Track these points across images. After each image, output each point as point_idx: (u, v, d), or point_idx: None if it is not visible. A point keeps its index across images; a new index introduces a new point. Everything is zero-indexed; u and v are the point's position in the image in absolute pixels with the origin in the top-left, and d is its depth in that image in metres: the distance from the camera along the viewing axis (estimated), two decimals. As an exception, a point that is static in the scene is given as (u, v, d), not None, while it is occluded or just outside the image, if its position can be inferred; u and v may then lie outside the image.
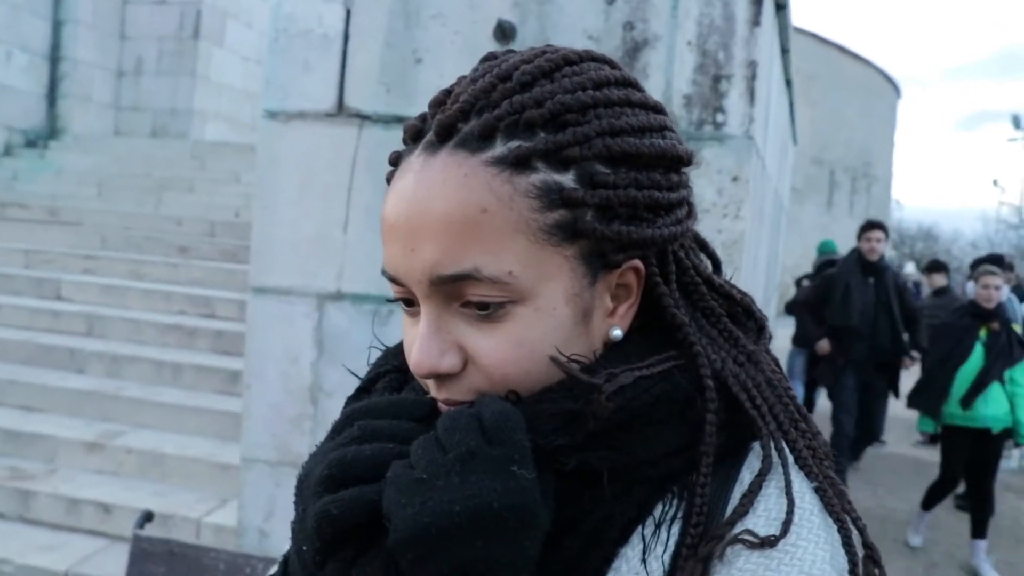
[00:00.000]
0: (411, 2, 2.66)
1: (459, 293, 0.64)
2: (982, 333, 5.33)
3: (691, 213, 0.73)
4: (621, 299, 0.70)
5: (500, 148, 0.64)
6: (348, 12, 2.71)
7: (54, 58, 10.93)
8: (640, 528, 0.66)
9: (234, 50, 12.22)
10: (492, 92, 0.66)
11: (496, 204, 0.63)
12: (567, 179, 0.65)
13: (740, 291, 0.77)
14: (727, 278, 0.79)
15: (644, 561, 0.65)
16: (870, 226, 6.40)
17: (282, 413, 2.72)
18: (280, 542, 2.66)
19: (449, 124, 0.65)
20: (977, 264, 6.30)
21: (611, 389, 0.64)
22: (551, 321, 0.65)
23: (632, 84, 0.71)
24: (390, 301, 0.72)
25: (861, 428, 6.45)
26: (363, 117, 2.68)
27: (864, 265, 6.27)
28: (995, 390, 5.25)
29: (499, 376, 0.66)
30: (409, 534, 0.58)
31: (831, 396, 6.52)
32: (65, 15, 10.88)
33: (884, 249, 6.36)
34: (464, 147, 0.64)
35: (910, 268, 15.40)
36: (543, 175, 0.64)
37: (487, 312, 0.64)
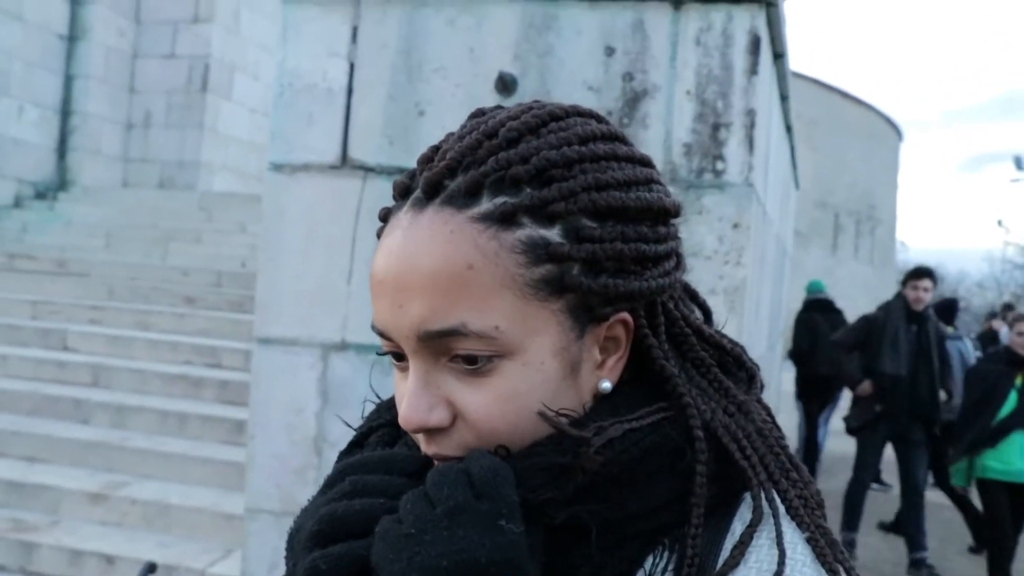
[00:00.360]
0: (413, 56, 2.71)
1: (447, 348, 0.64)
2: (1018, 380, 5.17)
3: (679, 264, 0.73)
4: (610, 352, 0.70)
5: (486, 204, 0.64)
6: (352, 66, 2.76)
7: (65, 112, 11.10)
8: None
9: (241, 102, 12.38)
10: (478, 149, 0.66)
11: (482, 260, 0.63)
12: (553, 234, 0.65)
13: (731, 341, 0.77)
14: (721, 327, 0.80)
15: None
16: (918, 274, 6.06)
17: (286, 464, 2.71)
18: (284, 595, 2.62)
19: (436, 181, 0.66)
20: (1007, 309, 6.09)
21: (600, 442, 0.64)
22: (539, 375, 0.66)
23: (618, 138, 0.72)
24: (380, 354, 0.72)
25: (903, 481, 6.15)
26: (367, 169, 2.71)
27: (909, 313, 5.97)
28: None
29: (487, 431, 0.66)
30: None
31: (860, 441, 6.29)
32: (76, 70, 11.07)
33: (930, 299, 6.09)
34: (451, 204, 0.65)
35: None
36: (529, 230, 0.64)
37: (475, 367, 0.65)
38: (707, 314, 0.79)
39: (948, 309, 8.56)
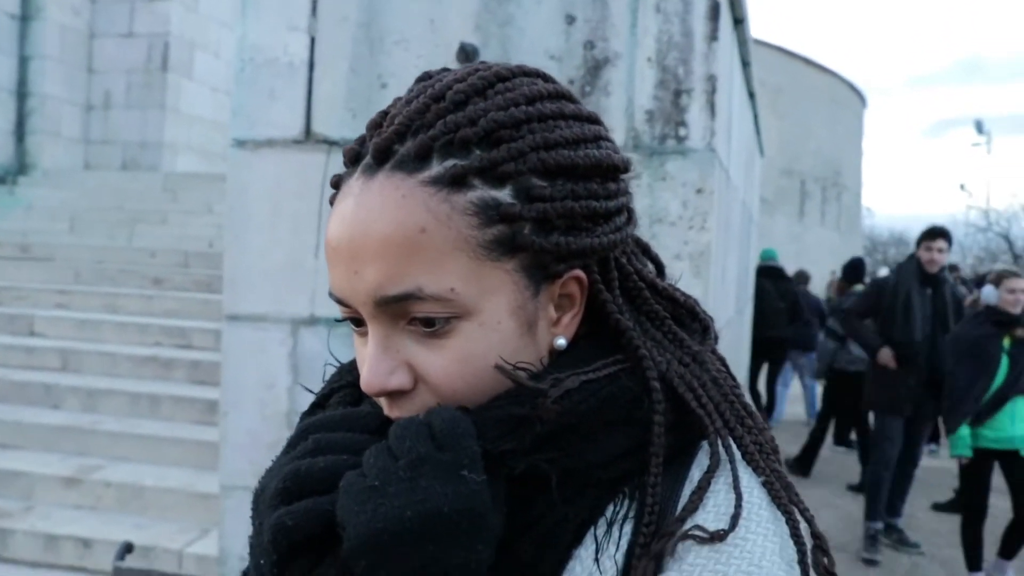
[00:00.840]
0: (374, 28, 2.70)
1: (404, 312, 0.65)
2: (1006, 342, 4.86)
3: (630, 219, 0.75)
4: (565, 309, 0.71)
5: (436, 168, 0.65)
6: (312, 40, 2.74)
7: (21, 94, 10.89)
8: (593, 529, 0.67)
9: (203, 81, 12.21)
10: (426, 112, 0.67)
11: (434, 223, 0.64)
12: (504, 195, 0.66)
13: (684, 294, 0.79)
14: (676, 281, 0.81)
15: (597, 560, 0.66)
16: (933, 234, 5.52)
17: (259, 439, 2.72)
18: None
19: (385, 147, 0.66)
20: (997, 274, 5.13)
21: (557, 393, 0.65)
22: (496, 335, 0.67)
23: (565, 96, 0.73)
24: (338, 321, 0.73)
25: (904, 451, 5.75)
26: (331, 143, 2.71)
27: (923, 276, 5.52)
28: (1021, 405, 4.79)
29: (448, 392, 0.67)
30: (362, 541, 0.59)
31: (880, 416, 5.76)
32: (31, 51, 10.84)
33: (946, 260, 5.63)
34: (401, 168, 0.65)
35: (884, 271, 15.66)
36: (480, 192, 0.65)
37: (433, 329, 0.66)
38: (659, 268, 0.81)
39: (855, 268, 8.51)
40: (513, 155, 0.66)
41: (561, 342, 0.71)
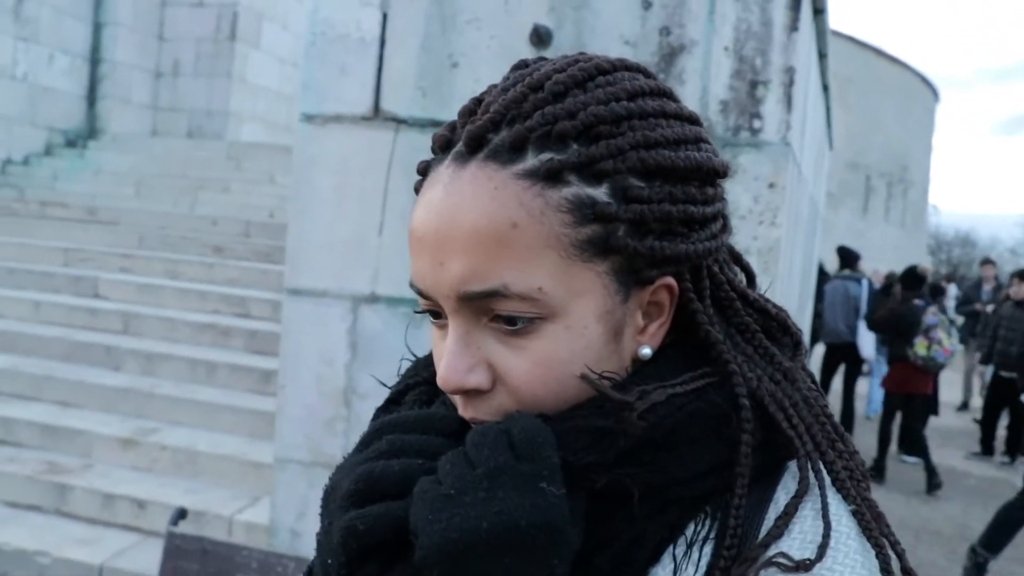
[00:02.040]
0: (447, 6, 2.67)
1: (487, 308, 0.63)
2: None
3: (726, 226, 0.71)
4: (652, 317, 0.68)
5: (531, 160, 0.62)
6: (384, 16, 2.73)
7: (94, 60, 11.11)
8: (672, 548, 0.65)
9: (270, 52, 12.33)
10: (523, 102, 0.64)
11: (527, 219, 0.61)
12: (600, 193, 0.63)
13: (775, 305, 0.75)
14: (762, 291, 0.78)
15: None
16: None
17: (316, 415, 2.74)
18: (312, 542, 2.67)
19: (479, 135, 0.63)
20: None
21: (643, 407, 0.62)
22: (582, 340, 0.64)
23: (667, 94, 0.70)
24: (417, 312, 0.70)
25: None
26: (399, 121, 2.69)
27: None
28: None
29: (528, 396, 0.64)
30: (436, 550, 0.57)
31: None
32: (105, 17, 11.05)
33: None
34: (494, 159, 0.63)
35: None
36: (575, 189, 0.62)
37: (515, 328, 0.63)
38: (751, 278, 0.77)
39: (918, 279, 8.12)
40: (612, 152, 0.63)
41: (646, 351, 0.68)
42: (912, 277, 8.01)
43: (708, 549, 0.64)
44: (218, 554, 2.70)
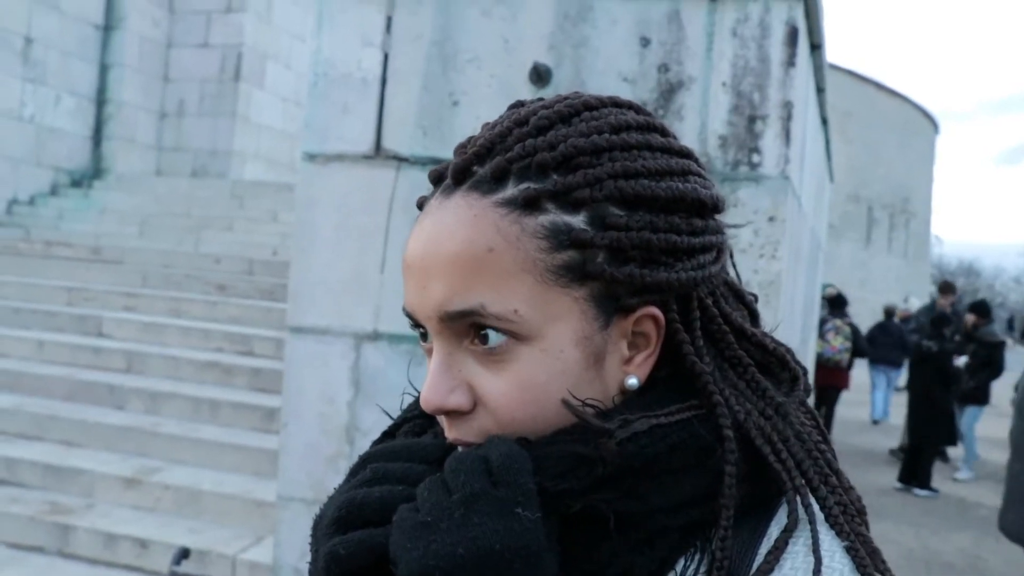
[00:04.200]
0: (448, 46, 2.70)
1: (467, 329, 0.65)
2: None
3: (718, 259, 0.71)
4: (639, 348, 0.69)
5: (511, 190, 0.65)
6: (386, 56, 2.76)
7: (100, 101, 11.24)
8: None
9: (273, 91, 12.45)
10: (508, 136, 0.67)
11: (503, 244, 0.63)
12: (577, 220, 0.64)
13: (775, 341, 0.75)
14: (770, 329, 0.77)
15: None
16: None
17: (319, 452, 2.73)
18: (315, 582, 2.64)
19: (464, 167, 0.66)
20: None
21: (624, 435, 0.63)
22: (558, 364, 0.65)
23: (656, 128, 0.71)
24: (413, 327, 0.72)
25: None
26: (400, 159, 2.71)
27: None
28: None
29: (506, 418, 0.65)
30: None
31: None
32: (112, 59, 11.19)
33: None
34: (477, 189, 0.65)
35: (914, 301, 15.47)
36: (552, 216, 0.64)
37: (492, 349, 0.64)
38: (753, 315, 0.77)
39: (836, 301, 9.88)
40: (589, 181, 0.65)
41: (633, 382, 0.68)
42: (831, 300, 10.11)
43: None
44: (220, 595, 2.68)
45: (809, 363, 6.26)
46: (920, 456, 8.45)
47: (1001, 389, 11.30)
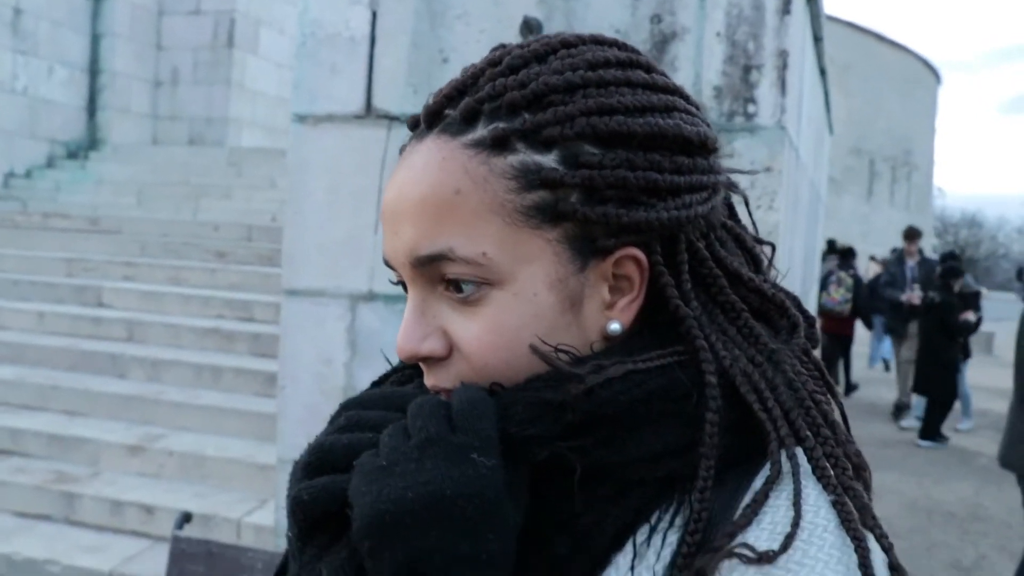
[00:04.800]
0: (436, 3, 2.66)
1: (438, 274, 0.64)
2: None
3: (710, 200, 0.67)
4: (622, 292, 0.66)
5: (481, 131, 0.63)
6: (374, 15, 2.71)
7: (93, 71, 11.13)
8: (634, 535, 0.63)
9: (268, 57, 12.33)
10: (480, 77, 0.65)
11: (470, 185, 0.62)
12: (548, 160, 0.63)
13: (777, 288, 0.71)
14: (779, 279, 0.74)
15: (632, 569, 0.61)
16: None
17: (317, 414, 2.73)
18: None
19: (436, 110, 0.66)
20: None
21: (597, 380, 0.61)
22: (531, 308, 0.63)
23: (638, 65, 0.68)
24: (393, 283, 0.71)
25: None
26: (391, 118, 2.68)
27: None
28: None
29: (480, 363, 0.64)
30: (366, 522, 0.57)
31: None
32: (103, 29, 11.07)
33: None
34: (447, 131, 0.64)
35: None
36: (522, 156, 0.63)
37: (464, 295, 0.63)
38: (756, 261, 0.73)
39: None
40: (560, 119, 0.62)
41: (615, 327, 0.66)
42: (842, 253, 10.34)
43: (674, 538, 0.62)
44: (224, 556, 2.70)
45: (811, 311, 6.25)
46: (930, 408, 8.48)
47: (1004, 338, 11.31)
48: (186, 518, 2.85)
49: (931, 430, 8.41)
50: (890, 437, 8.57)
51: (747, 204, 0.77)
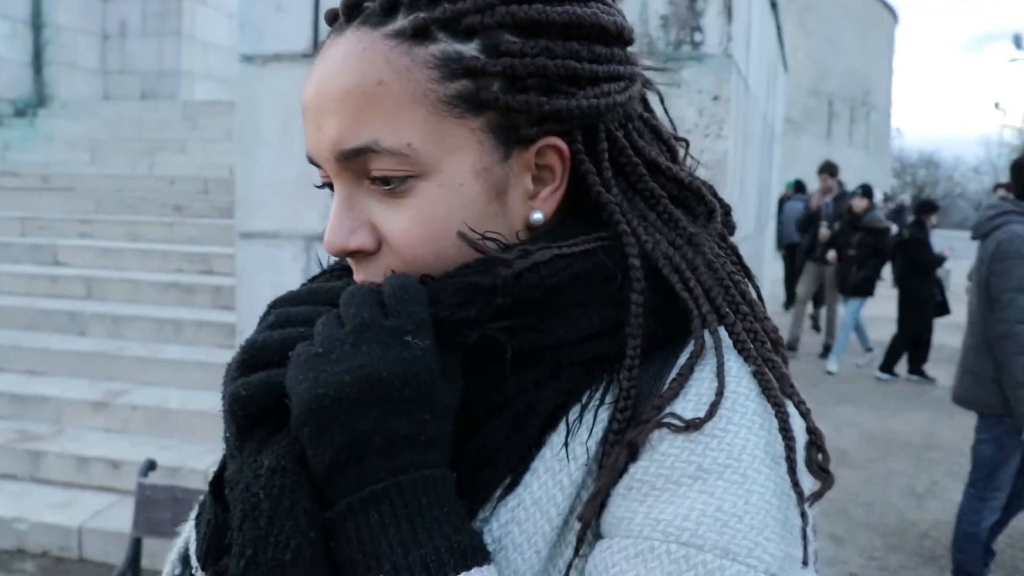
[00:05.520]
0: (380, -65, 2.63)
1: (364, 169, 0.64)
2: None
3: (627, 90, 0.69)
4: (545, 182, 0.68)
5: (401, 21, 0.63)
6: (318, -51, 2.67)
7: (36, 24, 10.78)
8: (567, 414, 0.65)
9: (218, 7, 12.04)
10: None
11: (393, 76, 0.62)
12: (469, 48, 0.63)
13: (692, 176, 0.73)
14: (694, 169, 0.76)
15: (567, 445, 0.63)
16: None
17: (276, 356, 2.73)
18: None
19: (355, 2, 0.65)
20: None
21: (524, 265, 0.62)
22: (457, 197, 0.64)
23: None
24: (318, 187, 0.71)
25: None
26: (339, 55, 2.66)
27: None
28: None
29: (409, 255, 0.65)
30: (305, 407, 0.58)
31: None
32: (44, -21, 10.72)
33: None
34: (367, 23, 0.64)
35: (876, 194, 15.59)
36: (443, 45, 0.63)
37: (391, 188, 0.64)
38: (673, 152, 0.75)
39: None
40: (480, 7, 0.63)
41: (538, 216, 0.67)
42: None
43: (605, 415, 0.64)
44: (189, 501, 2.70)
45: (768, 248, 6.33)
46: (895, 342, 8.56)
47: (960, 276, 11.53)
48: (150, 466, 2.86)
49: (891, 364, 8.57)
50: (847, 372, 8.75)
51: (662, 100, 0.78)
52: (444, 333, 0.62)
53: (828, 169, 9.34)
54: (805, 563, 0.60)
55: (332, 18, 0.69)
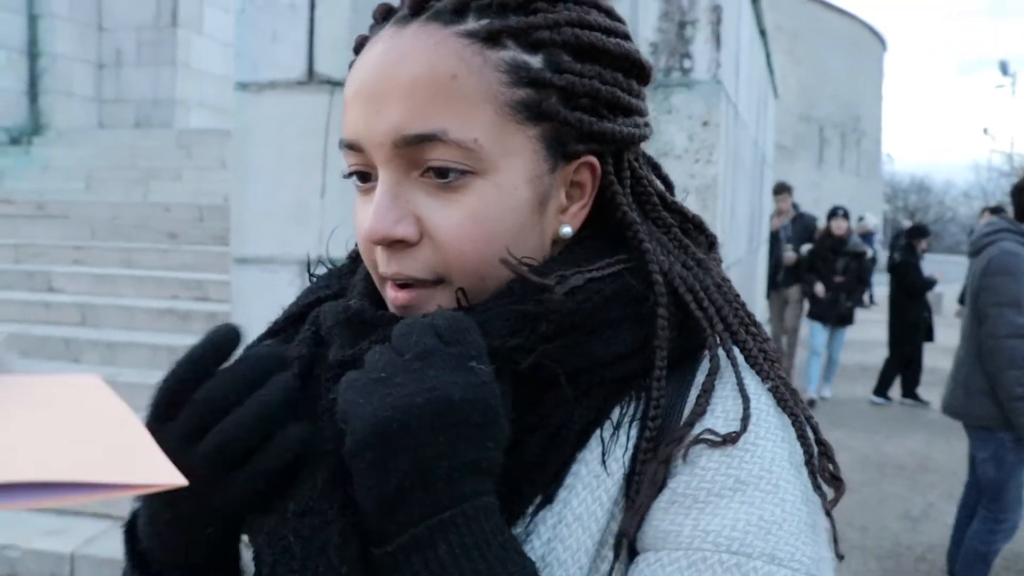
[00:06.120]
0: (375, -35, 2.67)
1: (421, 158, 0.65)
2: None
3: (648, 125, 0.75)
4: (575, 198, 0.71)
5: (472, 23, 0.65)
6: (313, -21, 2.71)
7: (32, 53, 10.86)
8: (599, 431, 0.67)
9: (213, 36, 12.13)
10: None
11: (466, 71, 0.64)
12: (535, 60, 0.66)
13: (692, 211, 0.79)
14: (683, 200, 0.80)
15: (604, 463, 0.65)
16: None
17: (271, 380, 2.75)
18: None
19: (422, 1, 0.67)
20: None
21: (563, 291, 0.65)
22: (510, 200, 0.66)
23: None
24: (346, 176, 0.71)
25: None
26: (333, 83, 2.69)
27: None
28: None
29: (454, 252, 0.66)
30: (370, 430, 0.57)
31: None
32: (40, 9, 10.79)
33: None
34: (436, 20, 0.66)
35: (870, 218, 15.56)
36: (513, 52, 0.66)
37: (447, 180, 0.65)
38: (669, 187, 0.80)
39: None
40: (549, 24, 0.66)
41: (567, 230, 0.71)
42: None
43: (634, 431, 0.67)
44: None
45: (760, 273, 6.36)
46: (887, 366, 8.58)
47: (952, 300, 11.57)
48: (144, 489, 2.86)
49: (884, 388, 8.60)
50: (842, 396, 8.76)
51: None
52: (496, 361, 0.62)
53: (785, 188, 8.59)
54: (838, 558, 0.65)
55: (385, 13, 0.70)
